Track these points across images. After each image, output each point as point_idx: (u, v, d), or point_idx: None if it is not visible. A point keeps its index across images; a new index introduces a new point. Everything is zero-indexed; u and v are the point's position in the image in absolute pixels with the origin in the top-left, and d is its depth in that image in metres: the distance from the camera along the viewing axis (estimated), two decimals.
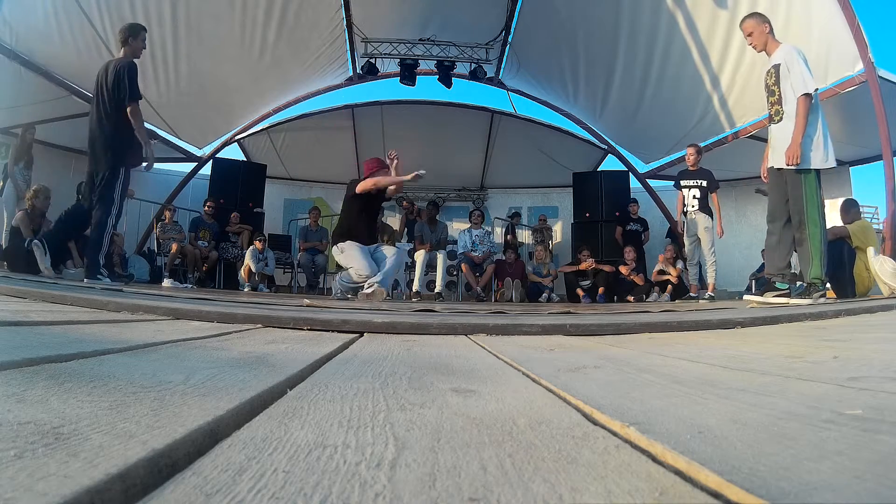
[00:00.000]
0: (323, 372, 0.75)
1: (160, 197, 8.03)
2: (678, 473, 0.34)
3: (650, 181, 8.83)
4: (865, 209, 13.59)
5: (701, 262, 5.39)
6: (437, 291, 6.07)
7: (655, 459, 0.37)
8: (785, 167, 3.13)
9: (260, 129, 8.98)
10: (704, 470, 0.34)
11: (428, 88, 12.14)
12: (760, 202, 3.47)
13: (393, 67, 8.13)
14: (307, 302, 2.92)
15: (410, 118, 8.85)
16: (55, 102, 6.47)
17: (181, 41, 6.58)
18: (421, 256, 6.10)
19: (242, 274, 6.93)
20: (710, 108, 6.71)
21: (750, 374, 0.78)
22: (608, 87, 7.55)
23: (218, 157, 8.85)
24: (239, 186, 8.29)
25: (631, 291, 6.78)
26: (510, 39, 7.79)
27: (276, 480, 0.32)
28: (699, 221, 5.30)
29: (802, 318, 1.92)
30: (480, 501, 0.30)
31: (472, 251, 6.96)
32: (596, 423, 0.48)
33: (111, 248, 4.01)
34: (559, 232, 9.54)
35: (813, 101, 3.05)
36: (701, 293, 5.34)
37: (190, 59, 6.86)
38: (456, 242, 7.48)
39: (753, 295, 3.50)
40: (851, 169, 7.16)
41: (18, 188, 5.91)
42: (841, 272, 4.26)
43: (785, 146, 3.12)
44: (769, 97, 3.29)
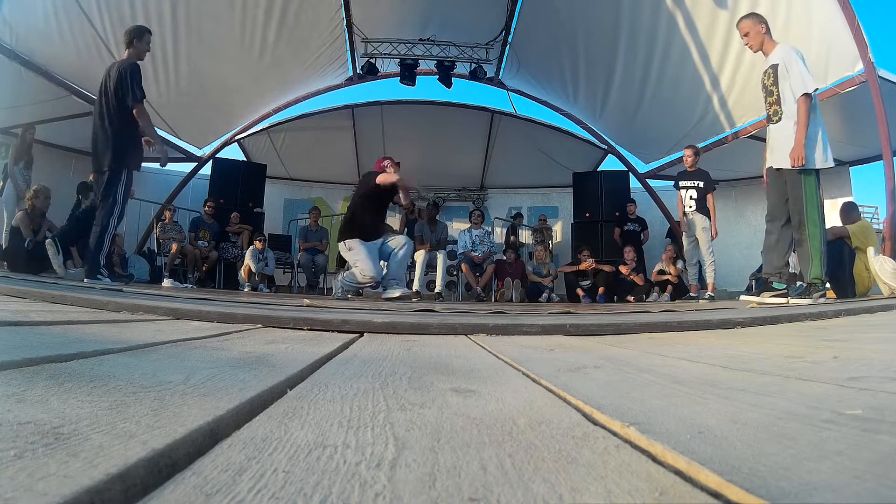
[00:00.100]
0: (323, 372, 0.75)
1: (160, 197, 8.02)
2: (678, 473, 0.34)
3: (650, 181, 8.83)
4: (865, 209, 13.61)
5: (700, 262, 5.40)
6: (437, 291, 6.07)
7: (655, 459, 0.37)
8: (785, 167, 3.13)
9: (260, 129, 8.97)
10: (704, 470, 0.34)
11: (428, 88, 12.15)
12: (760, 202, 3.46)
13: (393, 67, 8.12)
14: (307, 302, 2.92)
15: (410, 118, 8.84)
16: (55, 102, 6.47)
17: (181, 41, 6.58)
18: (421, 256, 6.09)
19: (242, 274, 6.93)
20: (709, 108, 6.71)
21: (750, 374, 0.78)
22: (608, 87, 7.54)
23: (218, 157, 8.85)
24: (239, 186, 8.28)
25: (631, 291, 6.78)
26: (510, 39, 7.78)
27: (276, 480, 0.32)
28: (697, 222, 5.32)
29: (802, 318, 1.92)
30: (480, 501, 0.30)
31: (472, 251, 6.96)
32: (596, 423, 0.48)
33: (111, 248, 4.01)
34: (559, 232, 9.53)
35: (812, 101, 3.05)
36: (701, 293, 5.34)
37: (190, 59, 6.86)
38: (456, 242, 7.47)
39: (751, 296, 3.50)
40: (851, 169, 7.15)
41: (18, 188, 5.91)
42: (841, 272, 4.26)
43: (784, 146, 3.12)
44: (767, 97, 3.28)
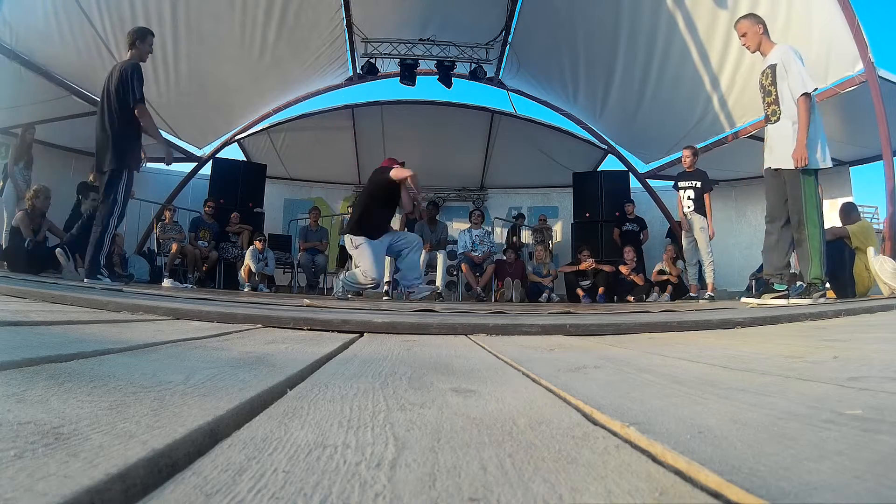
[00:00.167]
0: (323, 372, 0.75)
1: (160, 197, 8.02)
2: (678, 473, 0.34)
3: (650, 181, 8.83)
4: (865, 209, 13.62)
5: (700, 262, 5.41)
6: (437, 291, 6.06)
7: (655, 459, 0.37)
8: (783, 168, 3.13)
9: (260, 129, 8.97)
10: (704, 470, 0.34)
11: (428, 88, 12.14)
12: (760, 202, 3.46)
13: (393, 67, 8.12)
14: (307, 302, 2.92)
15: (410, 118, 8.84)
16: (55, 102, 6.47)
17: (181, 41, 6.58)
18: (421, 256, 6.09)
19: (242, 274, 6.93)
20: (709, 108, 6.71)
21: (750, 374, 0.78)
22: (608, 87, 7.54)
23: (218, 157, 8.85)
24: (239, 186, 8.28)
25: (631, 291, 6.78)
26: (510, 39, 7.78)
27: (276, 480, 0.32)
28: (695, 222, 5.33)
29: (802, 318, 1.92)
30: (480, 501, 0.30)
31: (472, 251, 6.96)
32: (596, 423, 0.48)
33: (111, 248, 4.01)
34: (559, 232, 9.54)
35: (811, 100, 3.05)
36: (701, 293, 5.35)
37: (190, 59, 6.86)
38: (456, 242, 7.47)
39: (752, 297, 3.49)
40: (851, 169, 7.15)
41: (18, 188, 5.90)
42: (841, 272, 4.26)
43: (782, 146, 3.12)
44: (765, 97, 3.28)
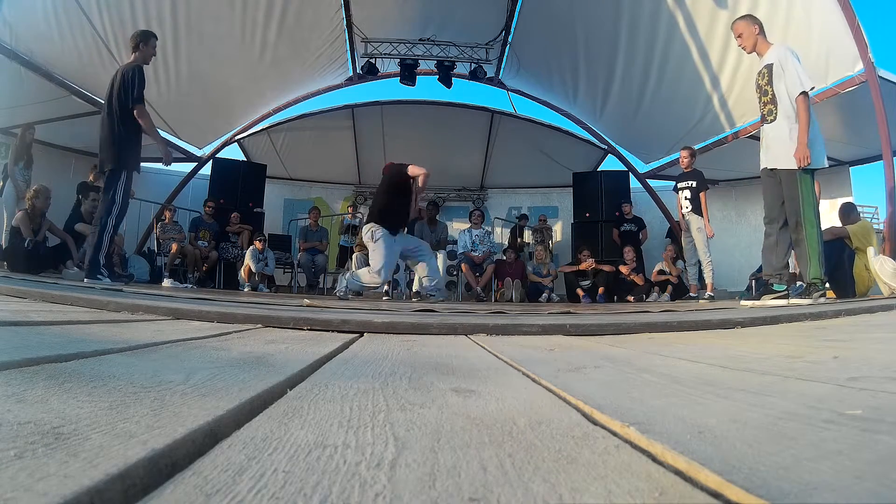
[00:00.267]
0: (323, 372, 0.75)
1: (160, 197, 8.02)
2: (678, 473, 0.34)
3: (650, 181, 8.83)
4: (865, 209, 13.61)
5: (699, 261, 5.41)
6: None
7: (655, 459, 0.37)
8: (779, 167, 3.13)
9: (260, 129, 8.97)
10: (704, 470, 0.34)
11: (428, 88, 12.16)
12: (760, 202, 3.46)
13: (393, 67, 8.12)
14: (307, 302, 2.92)
15: (410, 118, 8.84)
16: (55, 102, 6.47)
17: (181, 42, 6.58)
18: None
19: (242, 274, 6.93)
20: (709, 107, 6.71)
21: (750, 374, 0.78)
22: (608, 87, 7.54)
23: (218, 157, 8.85)
24: (239, 186, 8.29)
25: (631, 291, 6.78)
26: (510, 39, 7.78)
27: (276, 480, 0.32)
28: (692, 222, 5.34)
29: (802, 318, 1.92)
30: (480, 501, 0.30)
31: (472, 251, 6.96)
32: (596, 423, 0.48)
33: (111, 248, 4.02)
34: (559, 232, 9.54)
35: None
36: (701, 293, 5.35)
37: (190, 59, 6.86)
38: (456, 242, 7.47)
39: (751, 299, 3.48)
40: (851, 169, 7.15)
41: (18, 188, 5.90)
42: (841, 272, 4.25)
43: (778, 146, 3.12)
44: (761, 97, 3.28)
